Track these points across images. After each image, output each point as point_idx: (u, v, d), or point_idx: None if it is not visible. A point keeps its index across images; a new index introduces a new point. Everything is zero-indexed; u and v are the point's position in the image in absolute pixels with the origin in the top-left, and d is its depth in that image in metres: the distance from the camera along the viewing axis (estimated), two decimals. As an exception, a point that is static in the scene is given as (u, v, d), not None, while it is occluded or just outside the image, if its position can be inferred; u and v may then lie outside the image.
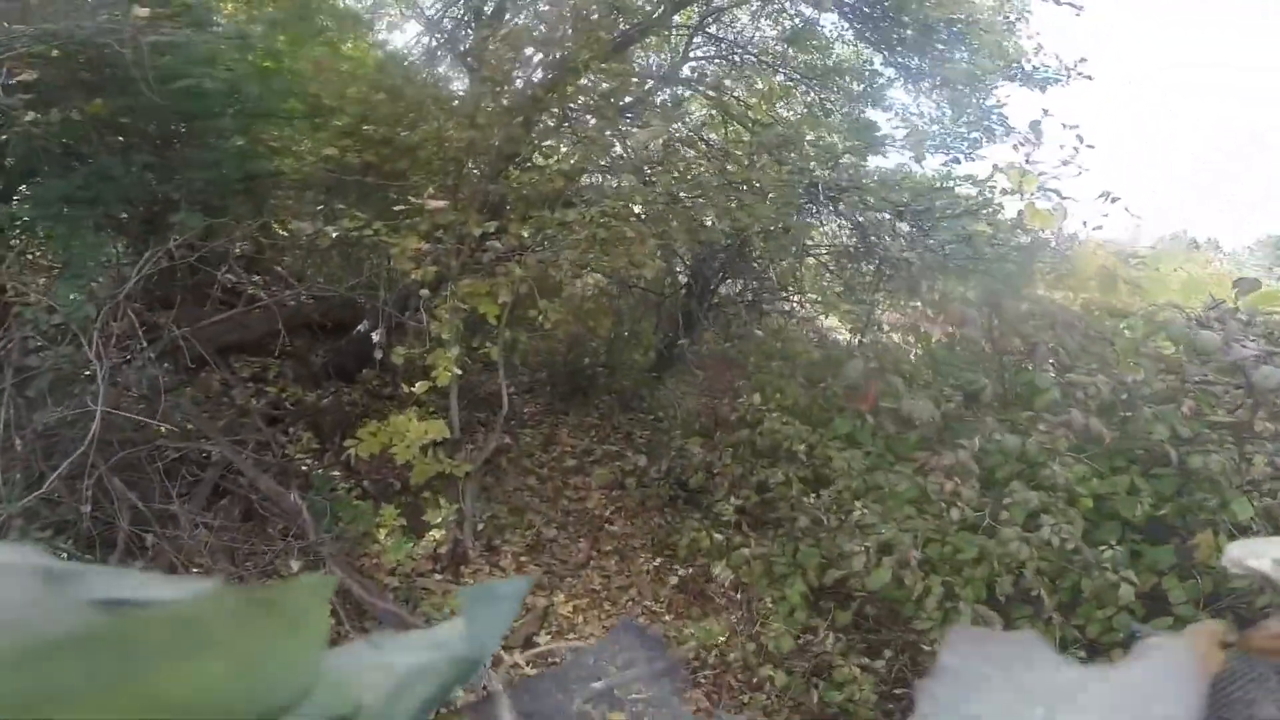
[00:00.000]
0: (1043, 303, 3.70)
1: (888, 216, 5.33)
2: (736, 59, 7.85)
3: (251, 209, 4.14)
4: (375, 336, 4.00)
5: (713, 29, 7.81)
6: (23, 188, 3.93)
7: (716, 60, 7.97)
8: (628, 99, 6.16)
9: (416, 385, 4.05)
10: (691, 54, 7.84)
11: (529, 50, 4.75)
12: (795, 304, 7.30)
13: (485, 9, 6.48)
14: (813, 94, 7.94)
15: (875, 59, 7.89)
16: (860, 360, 3.37)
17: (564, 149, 5.97)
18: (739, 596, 4.25)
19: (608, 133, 5.40)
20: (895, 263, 5.93)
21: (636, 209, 5.31)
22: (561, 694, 3.78)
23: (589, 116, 5.44)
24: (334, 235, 3.64)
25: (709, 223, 5.82)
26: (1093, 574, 3.11)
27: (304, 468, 4.96)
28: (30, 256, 4.59)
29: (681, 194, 5.35)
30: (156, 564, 3.65)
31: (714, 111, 7.64)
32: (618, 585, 4.72)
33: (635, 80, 6.20)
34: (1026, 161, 3.97)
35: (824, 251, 7.29)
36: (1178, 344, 3.16)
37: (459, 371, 3.90)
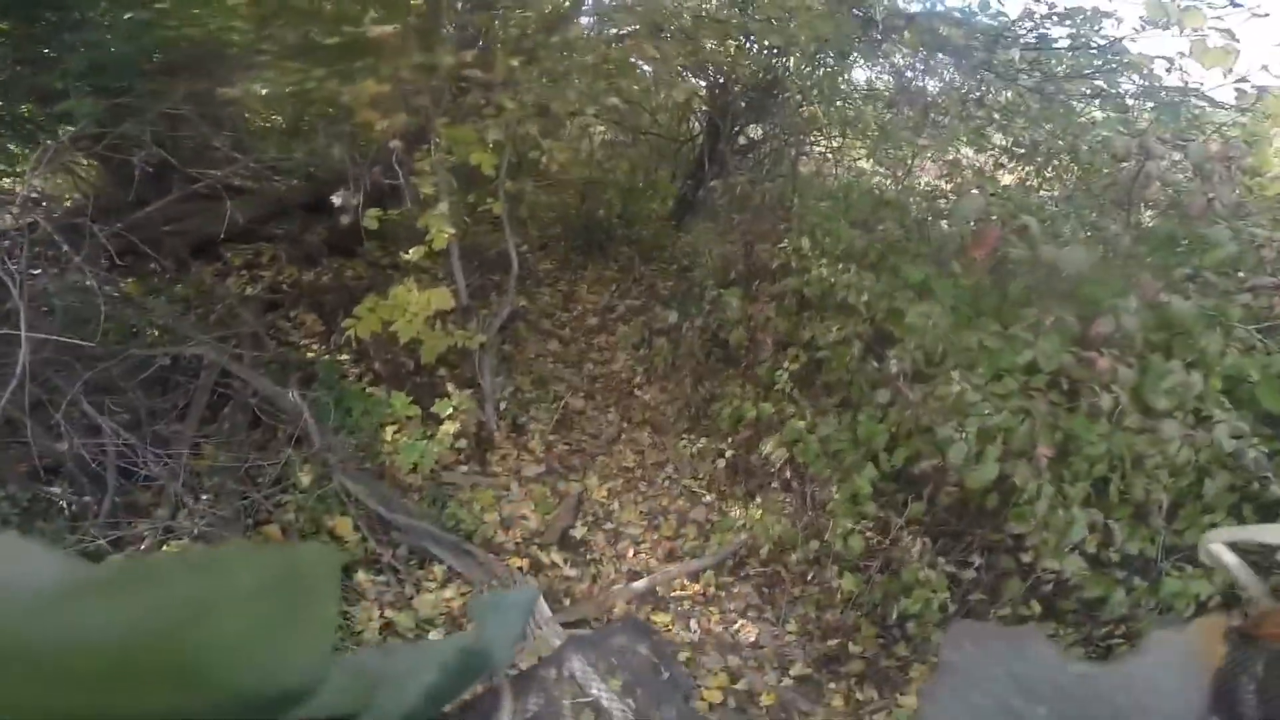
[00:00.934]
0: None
1: (971, 53, 4.02)
2: None
3: (164, 86, 3.05)
4: (337, 200, 3.06)
5: None
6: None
7: None
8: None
9: (411, 251, 3.19)
10: None
11: None
12: (837, 144, 6.13)
13: None
14: None
15: None
16: (979, 195, 2.42)
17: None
18: (792, 477, 3.60)
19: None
20: (953, 104, 4.74)
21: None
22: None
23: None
24: (264, 93, 2.59)
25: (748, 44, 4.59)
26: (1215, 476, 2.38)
27: (310, 355, 4.23)
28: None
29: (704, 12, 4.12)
30: (157, 496, 3.03)
31: None
32: (653, 462, 4.11)
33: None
34: None
35: (860, 96, 6.01)
36: None
37: (451, 231, 3.01)
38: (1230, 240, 2.45)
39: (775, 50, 4.78)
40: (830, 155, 6.17)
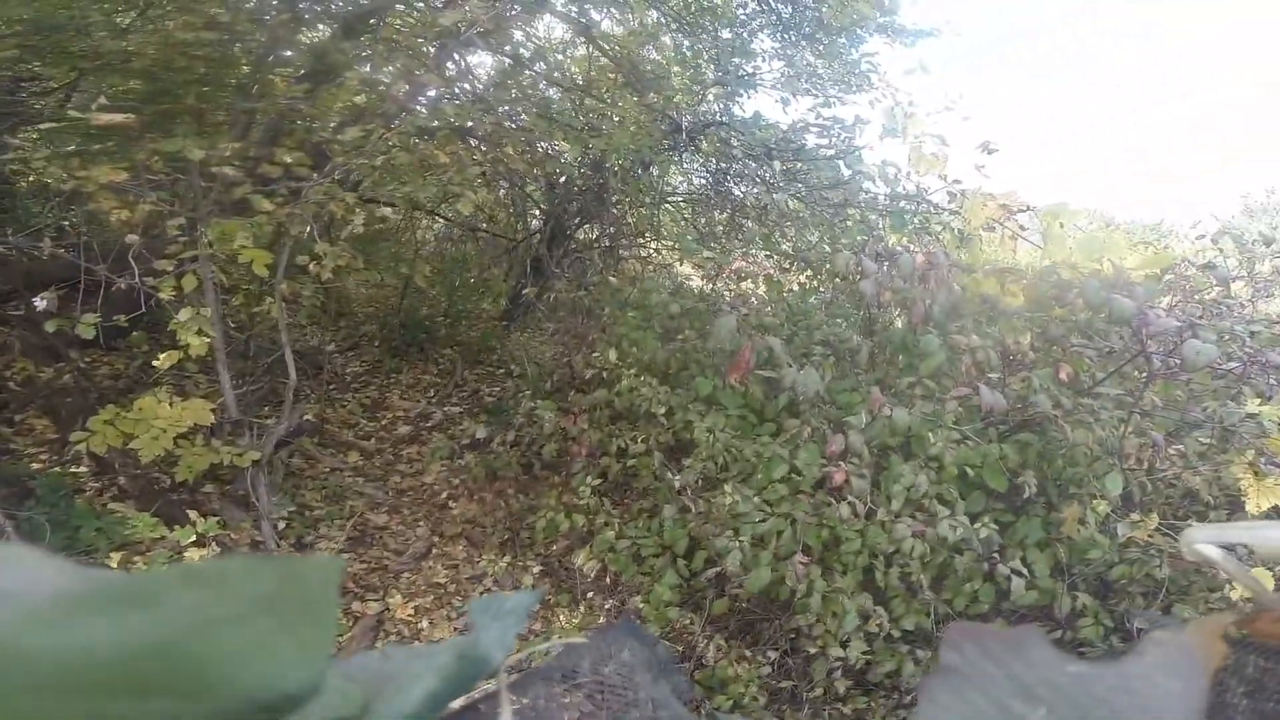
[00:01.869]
0: (912, 256, 3.07)
1: (751, 161, 4.50)
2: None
3: None
4: (39, 303, 2.62)
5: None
6: None
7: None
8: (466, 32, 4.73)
9: (162, 357, 2.77)
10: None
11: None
12: (652, 250, 6.47)
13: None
14: (682, 37, 6.92)
15: (747, 2, 6.98)
16: (732, 317, 2.59)
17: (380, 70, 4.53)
18: (608, 583, 3.47)
19: (439, 60, 4.04)
20: (753, 210, 5.25)
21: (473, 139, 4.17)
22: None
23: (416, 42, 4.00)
24: None
25: (563, 153, 4.76)
26: (964, 553, 2.66)
27: (36, 466, 3.49)
28: None
29: (522, 117, 4.23)
30: None
31: (577, 38, 6.37)
32: (468, 576, 3.79)
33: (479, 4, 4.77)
34: (909, 104, 3.31)
35: (680, 198, 6.49)
36: (1096, 310, 2.67)
37: (208, 338, 2.66)
38: (939, 349, 2.83)
39: (602, 156, 5.03)
40: (640, 261, 6.45)
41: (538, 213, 6.67)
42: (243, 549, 3.39)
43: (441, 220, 6.48)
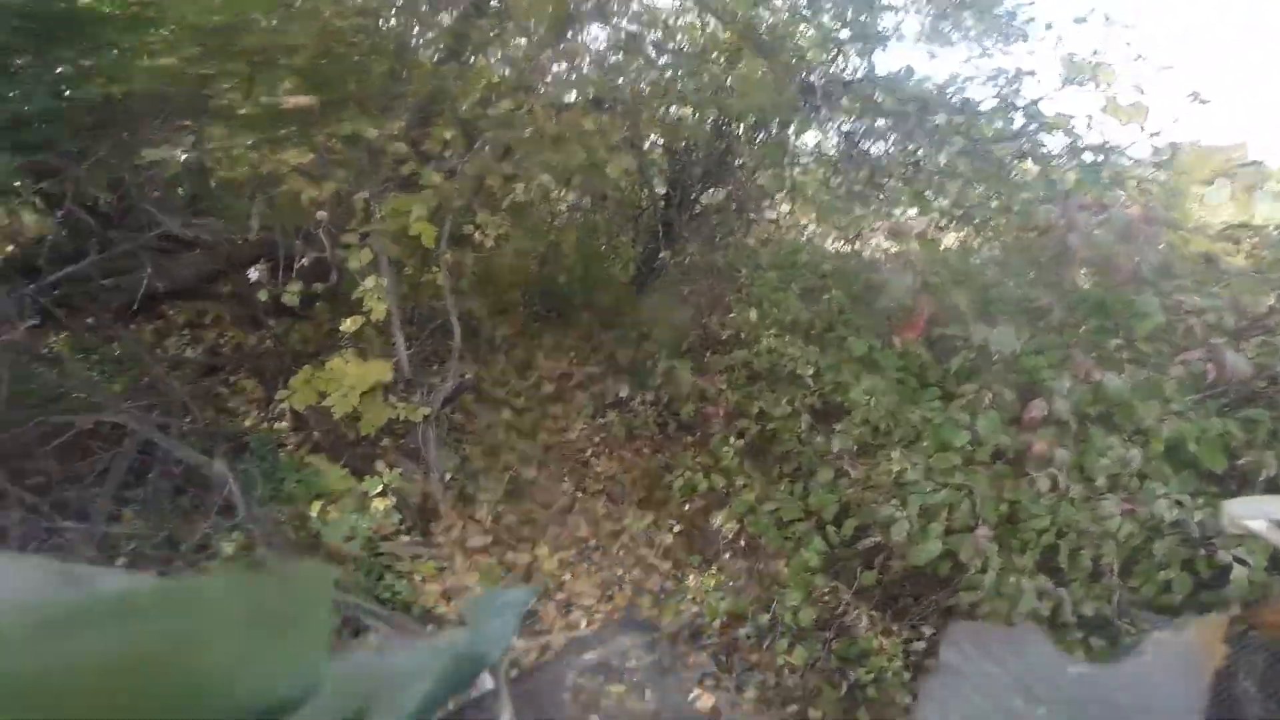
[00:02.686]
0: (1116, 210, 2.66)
1: (902, 118, 4.13)
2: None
3: (87, 141, 2.93)
4: (253, 275, 2.92)
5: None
6: None
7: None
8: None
9: (348, 322, 3.04)
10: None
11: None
12: (783, 212, 6.20)
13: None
14: None
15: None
16: (907, 274, 2.38)
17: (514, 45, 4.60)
18: (746, 547, 3.45)
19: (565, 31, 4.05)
20: (899, 166, 4.84)
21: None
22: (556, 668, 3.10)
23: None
24: (183, 159, 2.47)
25: (682, 117, 4.64)
26: (1165, 536, 2.32)
27: (247, 423, 4.01)
28: None
29: (646, 85, 4.15)
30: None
31: (687, 2, 6.15)
32: (607, 532, 3.92)
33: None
34: (1094, 52, 2.86)
35: (811, 159, 6.13)
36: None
37: (387, 304, 2.88)
38: (1158, 309, 2.45)
39: (724, 119, 4.85)
40: (778, 222, 6.20)
41: (659, 179, 6.61)
42: (415, 500, 3.71)
43: (574, 192, 6.60)
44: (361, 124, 2.69)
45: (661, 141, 5.63)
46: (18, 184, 2.75)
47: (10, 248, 4.13)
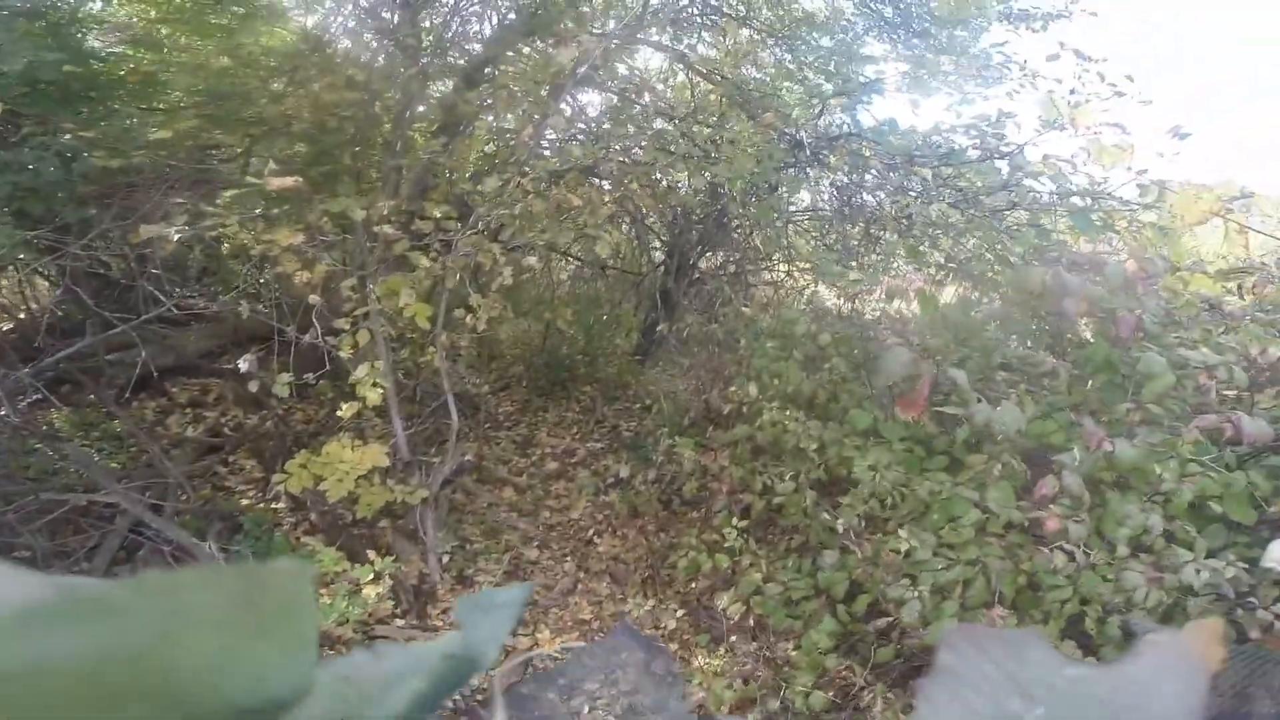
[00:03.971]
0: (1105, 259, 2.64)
1: (891, 171, 4.18)
2: (695, 14, 6.56)
3: (85, 214, 2.99)
4: (243, 365, 2.92)
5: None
6: None
7: (676, 14, 6.65)
8: (581, 69, 4.89)
9: (344, 408, 3.01)
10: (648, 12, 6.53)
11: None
12: (782, 273, 6.23)
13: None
14: (781, 51, 6.71)
15: (846, 7, 6.66)
16: (903, 348, 2.33)
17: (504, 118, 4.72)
18: (753, 625, 3.28)
19: (555, 100, 4.18)
20: (891, 220, 4.87)
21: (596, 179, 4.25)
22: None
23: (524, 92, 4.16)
24: (175, 238, 2.49)
25: (680, 182, 4.73)
26: (1199, 595, 2.18)
27: (245, 502, 3.95)
28: None
29: (638, 151, 4.23)
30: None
31: (675, 65, 6.35)
32: (610, 614, 3.75)
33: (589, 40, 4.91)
34: (1071, 92, 2.92)
35: (805, 216, 6.21)
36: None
37: (382, 390, 2.85)
38: (1166, 368, 2.37)
39: (714, 181, 4.90)
40: (774, 285, 6.21)
41: (657, 245, 6.69)
42: (411, 582, 3.59)
43: (574, 261, 6.69)
44: (350, 203, 2.74)
45: (662, 208, 5.72)
46: (21, 256, 2.78)
47: (8, 326, 4.18)
